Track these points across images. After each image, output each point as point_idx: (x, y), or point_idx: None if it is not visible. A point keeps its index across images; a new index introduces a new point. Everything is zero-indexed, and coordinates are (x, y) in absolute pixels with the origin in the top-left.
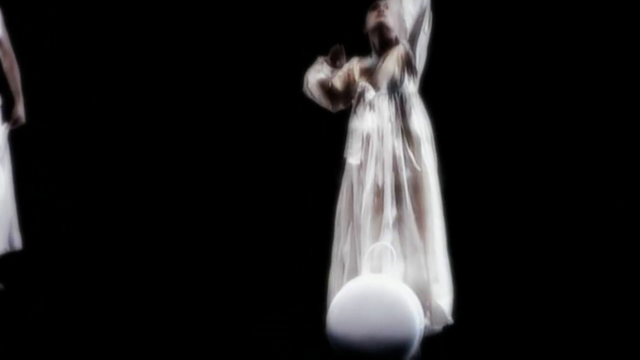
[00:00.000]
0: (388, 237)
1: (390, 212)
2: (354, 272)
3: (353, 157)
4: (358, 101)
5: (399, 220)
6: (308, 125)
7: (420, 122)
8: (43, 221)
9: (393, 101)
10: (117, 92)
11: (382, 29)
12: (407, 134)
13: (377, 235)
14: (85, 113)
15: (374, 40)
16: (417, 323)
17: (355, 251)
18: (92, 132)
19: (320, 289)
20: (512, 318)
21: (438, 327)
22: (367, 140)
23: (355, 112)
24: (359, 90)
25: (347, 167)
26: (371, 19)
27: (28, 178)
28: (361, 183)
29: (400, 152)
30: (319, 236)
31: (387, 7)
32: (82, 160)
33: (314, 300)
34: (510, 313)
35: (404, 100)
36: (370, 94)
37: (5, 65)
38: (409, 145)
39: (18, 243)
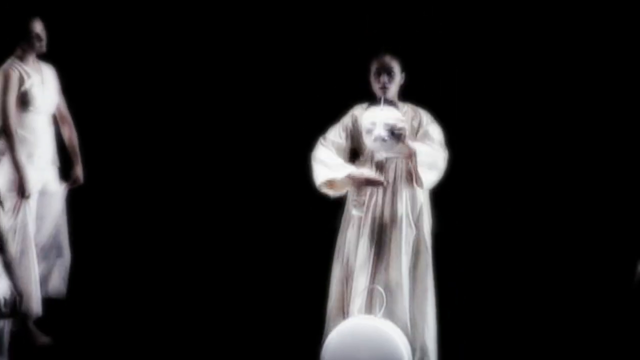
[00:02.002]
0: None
1: (392, 270)
2: (340, 315)
3: (358, 210)
4: (366, 160)
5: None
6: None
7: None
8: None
9: (401, 165)
10: (164, 152)
11: (386, 99)
12: (411, 197)
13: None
14: (138, 172)
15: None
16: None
17: (344, 299)
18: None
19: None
20: None
21: None
22: (370, 197)
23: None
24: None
25: (348, 217)
26: (375, 87)
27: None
28: (359, 236)
29: (402, 213)
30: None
31: (390, 75)
32: (133, 218)
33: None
34: None
35: (410, 165)
36: (380, 155)
37: (64, 130)
38: (411, 208)
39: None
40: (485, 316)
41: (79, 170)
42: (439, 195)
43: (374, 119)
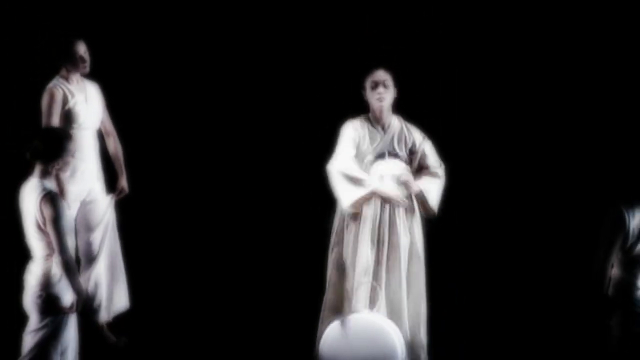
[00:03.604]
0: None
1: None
2: (336, 311)
3: (353, 220)
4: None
5: (389, 282)
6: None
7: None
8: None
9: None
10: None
11: (382, 111)
12: (405, 207)
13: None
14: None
15: (375, 110)
16: (399, 352)
17: (339, 296)
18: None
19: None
20: None
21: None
22: (368, 206)
23: None
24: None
25: (342, 220)
26: (372, 99)
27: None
28: (357, 242)
29: (398, 221)
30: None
31: (386, 87)
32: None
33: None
34: None
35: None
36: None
37: (109, 145)
38: (405, 216)
39: (126, 303)
40: (473, 312)
41: (124, 181)
42: None
43: (382, 172)
